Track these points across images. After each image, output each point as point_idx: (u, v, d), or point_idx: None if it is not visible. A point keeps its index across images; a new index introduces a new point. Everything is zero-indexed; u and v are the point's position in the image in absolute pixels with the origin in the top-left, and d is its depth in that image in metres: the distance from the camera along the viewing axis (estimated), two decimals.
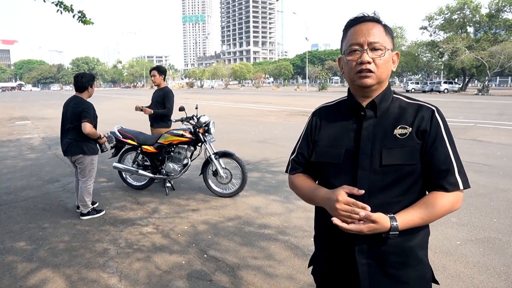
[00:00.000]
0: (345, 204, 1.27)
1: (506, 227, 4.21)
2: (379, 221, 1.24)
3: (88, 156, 4.55)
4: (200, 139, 5.34)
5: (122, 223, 4.46)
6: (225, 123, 13.96)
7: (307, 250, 3.68)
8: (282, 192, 5.55)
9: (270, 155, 8.27)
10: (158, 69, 6.07)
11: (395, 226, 1.25)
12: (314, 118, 1.53)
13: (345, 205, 1.27)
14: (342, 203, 1.28)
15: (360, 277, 1.34)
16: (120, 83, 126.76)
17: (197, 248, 3.75)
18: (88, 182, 4.61)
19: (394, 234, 1.26)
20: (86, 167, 4.56)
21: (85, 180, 4.59)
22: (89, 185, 4.62)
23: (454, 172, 1.31)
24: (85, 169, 4.57)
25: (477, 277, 3.17)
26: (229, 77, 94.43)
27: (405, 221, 1.27)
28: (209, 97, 39.05)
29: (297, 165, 1.56)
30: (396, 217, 1.27)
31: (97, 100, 34.57)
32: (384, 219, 1.25)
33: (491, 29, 44.65)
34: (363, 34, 1.32)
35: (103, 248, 3.76)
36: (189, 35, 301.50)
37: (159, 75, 6.01)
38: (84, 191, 4.56)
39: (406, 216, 1.28)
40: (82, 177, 4.59)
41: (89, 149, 4.54)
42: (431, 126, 1.33)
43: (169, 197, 5.43)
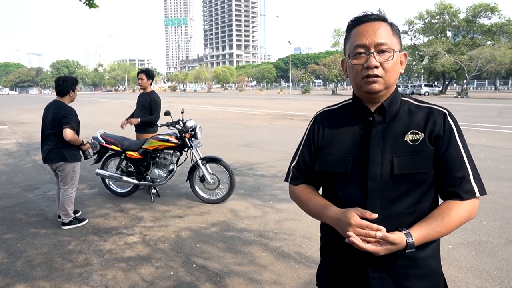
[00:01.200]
0: (359, 227, 1.17)
1: (495, 229, 4.21)
2: (396, 242, 1.15)
3: (70, 163, 4.35)
4: (187, 144, 5.20)
5: (106, 232, 4.28)
6: (209, 127, 13.79)
7: (291, 253, 3.65)
8: (267, 197, 5.47)
9: (255, 159, 8.17)
10: (147, 72, 5.89)
11: (411, 243, 1.16)
12: (316, 123, 1.42)
13: (359, 228, 1.17)
14: (355, 227, 1.18)
15: None
16: (101, 87, 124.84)
17: (184, 257, 3.62)
18: (70, 190, 4.41)
19: (411, 251, 1.17)
20: (67, 175, 4.36)
21: (67, 188, 4.39)
22: (71, 193, 4.42)
23: (469, 179, 1.23)
24: (67, 177, 4.37)
25: (472, 282, 3.13)
26: (212, 81, 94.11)
27: (421, 236, 1.18)
28: (192, 100, 38.75)
29: (299, 174, 1.45)
30: (411, 232, 1.18)
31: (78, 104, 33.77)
32: (401, 238, 1.16)
33: (469, 33, 45.82)
34: (369, 35, 1.21)
35: (86, 259, 3.58)
36: (171, 38, 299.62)
37: (147, 79, 5.83)
38: (66, 200, 4.36)
39: (422, 230, 1.19)
40: (64, 185, 4.39)
41: (70, 156, 4.34)
42: (444, 131, 1.24)
43: (154, 204, 5.27)
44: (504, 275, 3.23)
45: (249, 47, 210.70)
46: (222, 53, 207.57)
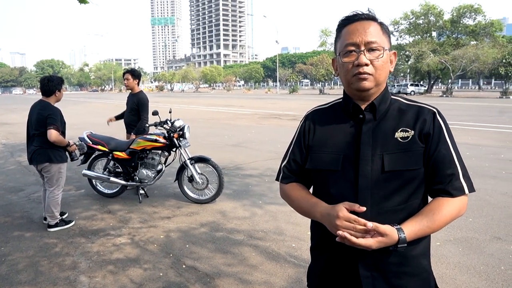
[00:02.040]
0: (346, 220, 1.18)
1: (481, 226, 4.28)
2: (387, 233, 1.15)
3: (55, 165, 4.27)
4: (175, 144, 5.16)
5: (93, 234, 4.21)
6: (197, 127, 13.73)
7: (282, 254, 3.65)
8: (256, 197, 5.46)
9: (244, 159, 8.16)
10: (132, 72, 5.78)
11: (403, 238, 1.17)
12: (307, 122, 1.42)
13: (346, 221, 1.18)
14: (342, 219, 1.18)
15: None
16: (87, 87, 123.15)
17: (173, 258, 3.59)
18: (56, 192, 4.33)
19: (402, 246, 1.17)
20: (53, 176, 4.28)
21: (53, 189, 4.31)
22: (57, 195, 4.34)
23: (459, 177, 1.25)
24: (52, 178, 4.29)
25: (459, 278, 3.18)
26: (199, 81, 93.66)
27: (413, 232, 1.19)
28: (180, 100, 38.52)
29: (290, 173, 1.45)
30: (403, 228, 1.18)
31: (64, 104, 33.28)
32: (392, 232, 1.16)
33: (453, 33, 46.56)
34: (359, 33, 1.23)
35: (73, 262, 3.52)
36: (158, 37, 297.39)
37: (133, 79, 5.72)
38: (52, 201, 4.28)
39: (413, 226, 1.20)
40: (49, 186, 4.31)
41: (56, 157, 4.26)
42: (434, 129, 1.26)
43: (142, 204, 5.21)
44: (490, 270, 3.29)
45: (236, 47, 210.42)
46: (209, 53, 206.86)
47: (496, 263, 3.42)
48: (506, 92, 36.82)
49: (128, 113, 5.77)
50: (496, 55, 39.22)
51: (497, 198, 5.23)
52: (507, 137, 10.72)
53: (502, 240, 3.90)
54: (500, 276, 3.19)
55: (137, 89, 5.84)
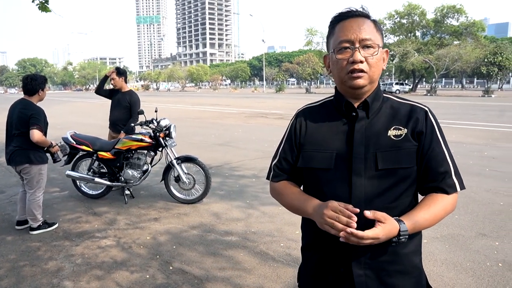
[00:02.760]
0: (332, 210, 1.15)
1: (467, 223, 4.33)
2: (387, 218, 1.14)
3: (36, 166, 4.14)
4: (161, 144, 5.09)
5: (78, 236, 4.12)
6: (184, 126, 13.62)
7: (277, 256, 3.57)
8: (246, 197, 5.42)
9: (232, 158, 8.11)
10: (116, 70, 5.67)
11: (404, 226, 1.16)
12: (298, 119, 1.40)
13: (332, 211, 1.15)
14: (330, 209, 1.16)
15: None
16: (71, 86, 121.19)
17: (160, 260, 3.52)
18: (37, 194, 4.21)
19: (405, 235, 1.16)
20: (33, 178, 4.15)
21: (33, 192, 4.18)
22: (38, 197, 4.22)
23: (451, 174, 1.26)
24: (32, 180, 4.16)
25: (446, 274, 3.20)
26: (185, 80, 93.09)
27: (412, 223, 1.18)
28: (166, 99, 38.22)
29: (280, 172, 1.43)
30: (401, 219, 1.18)
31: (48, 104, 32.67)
32: (391, 219, 1.16)
33: (437, 33, 47.30)
34: (354, 30, 1.22)
35: (57, 266, 3.43)
36: (143, 36, 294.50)
37: (119, 77, 5.61)
38: (33, 204, 4.16)
39: (412, 218, 1.20)
40: (30, 188, 4.18)
41: (36, 158, 4.13)
42: (427, 128, 1.26)
43: (128, 206, 5.13)
44: (476, 266, 3.33)
45: (222, 46, 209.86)
46: (195, 52, 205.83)
47: (482, 259, 3.46)
48: (488, 91, 37.54)
49: (118, 112, 5.63)
50: (478, 54, 40.04)
51: (482, 195, 5.31)
52: (489, 135, 10.93)
53: (487, 237, 3.95)
54: (486, 272, 3.23)
55: (126, 87, 5.74)
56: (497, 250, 3.65)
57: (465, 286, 3.02)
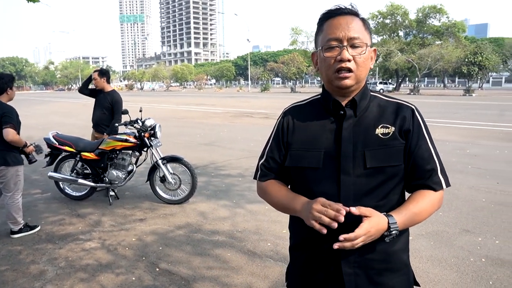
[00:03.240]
0: (322, 205, 1.15)
1: (451, 219, 4.40)
2: (373, 213, 1.14)
3: (12, 167, 3.98)
4: (146, 144, 5.02)
5: (61, 239, 4.03)
6: (169, 126, 13.50)
7: (264, 255, 3.57)
8: (232, 197, 5.40)
9: (217, 158, 8.07)
10: (98, 71, 5.61)
11: (393, 220, 1.16)
12: (285, 118, 1.39)
13: (321, 205, 1.15)
14: (319, 203, 1.16)
15: (346, 287, 1.25)
16: (53, 86, 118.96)
17: (147, 261, 3.48)
18: (16, 196, 4.06)
19: (395, 227, 1.16)
20: (10, 180, 4.00)
21: (11, 194, 4.02)
22: (17, 200, 4.07)
23: (437, 172, 1.27)
24: (10, 183, 4.00)
25: (432, 271, 3.25)
26: (170, 79, 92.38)
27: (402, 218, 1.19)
28: (150, 99, 37.84)
29: (268, 171, 1.41)
30: (389, 213, 1.19)
31: (29, 104, 32.04)
32: (378, 214, 1.16)
33: (419, 33, 48.05)
34: (342, 28, 1.21)
35: (40, 270, 3.34)
36: (127, 35, 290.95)
37: (100, 77, 5.54)
38: (13, 207, 4.03)
39: (401, 213, 1.21)
40: (8, 191, 4.02)
41: (12, 159, 3.97)
42: (414, 126, 1.27)
43: (113, 207, 5.05)
44: (460, 262, 3.38)
45: (207, 45, 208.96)
46: (180, 51, 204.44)
47: (465, 255, 3.52)
48: (469, 90, 38.33)
49: (100, 113, 5.56)
50: (459, 54, 40.82)
51: (465, 192, 5.41)
52: (471, 133, 11.15)
53: (470, 233, 4.02)
54: (469, 267, 3.29)
55: (109, 87, 5.66)
56: (480, 245, 3.71)
57: (450, 282, 3.07)
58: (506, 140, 9.89)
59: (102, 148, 5.01)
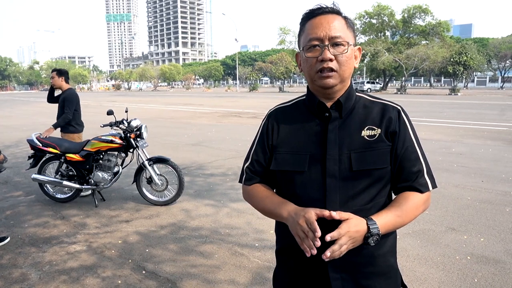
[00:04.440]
0: (306, 222, 1.13)
1: (437, 218, 4.44)
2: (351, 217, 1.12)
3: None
4: (132, 145, 4.96)
5: (45, 242, 3.95)
6: (156, 126, 13.39)
7: (249, 254, 3.58)
8: (217, 196, 5.38)
9: (204, 158, 8.03)
10: (56, 70, 5.58)
11: (372, 220, 1.14)
12: (269, 120, 1.36)
13: (306, 224, 1.13)
14: (304, 220, 1.13)
15: None
16: (38, 86, 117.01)
17: (133, 264, 3.43)
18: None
19: (375, 229, 1.13)
20: None
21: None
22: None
23: (423, 174, 1.26)
24: None
25: (418, 269, 3.27)
26: (158, 79, 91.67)
27: (384, 222, 1.16)
28: (138, 99, 37.50)
29: (253, 175, 1.38)
30: (373, 218, 1.16)
31: (12, 104, 31.44)
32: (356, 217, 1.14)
33: (406, 33, 48.57)
34: (323, 27, 1.18)
35: (22, 274, 3.27)
36: (114, 35, 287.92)
37: (58, 76, 5.51)
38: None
39: (384, 217, 1.18)
40: None
41: None
42: (400, 127, 1.25)
43: (98, 208, 4.97)
44: (446, 260, 3.41)
45: (195, 45, 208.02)
46: (167, 51, 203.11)
47: (451, 253, 3.55)
48: (455, 90, 38.90)
49: (60, 112, 5.52)
50: (445, 54, 41.34)
51: (451, 190, 5.47)
52: (456, 132, 11.30)
53: (456, 231, 4.06)
54: (455, 265, 3.32)
55: (66, 86, 5.62)
56: (466, 243, 3.76)
57: (436, 280, 3.09)
58: (491, 138, 10.05)
59: (87, 150, 4.93)
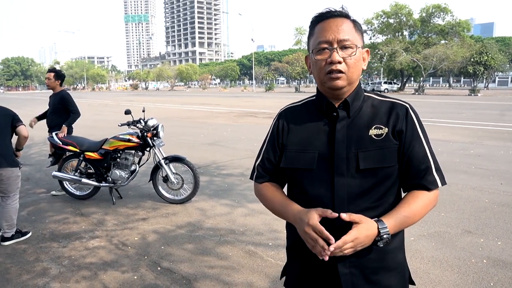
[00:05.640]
0: (313, 231, 1.18)
1: (453, 220, 4.39)
2: (362, 220, 1.17)
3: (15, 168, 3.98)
4: (149, 144, 5.06)
5: (65, 237, 4.07)
6: (172, 125, 13.55)
7: (265, 255, 3.59)
8: (233, 196, 5.42)
9: (220, 157, 8.10)
10: (55, 72, 5.65)
11: (384, 226, 1.18)
12: (280, 120, 1.41)
13: (313, 232, 1.18)
14: (311, 228, 1.18)
15: (343, 287, 1.26)
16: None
17: (149, 260, 3.51)
18: (16, 197, 4.01)
19: (386, 232, 1.17)
20: (14, 181, 3.97)
21: (13, 195, 3.97)
22: (16, 201, 4.04)
23: (432, 171, 1.27)
24: (12, 184, 3.95)
25: (433, 272, 3.24)
26: (175, 79, 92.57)
27: (393, 223, 1.20)
28: (155, 99, 37.95)
29: (264, 172, 1.43)
30: (383, 220, 1.20)
31: (34, 103, 32.29)
32: (368, 220, 1.18)
33: (424, 33, 47.74)
34: (332, 31, 1.22)
35: (43, 268, 3.39)
36: (132, 35, 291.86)
37: (55, 79, 5.59)
38: (12, 209, 3.94)
39: (392, 217, 1.21)
40: (9, 193, 3.95)
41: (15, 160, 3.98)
42: (407, 125, 1.27)
43: (116, 206, 5.09)
44: (462, 263, 3.37)
45: (212, 45, 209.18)
46: (184, 51, 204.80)
47: (467, 256, 3.51)
48: (475, 90, 38.04)
49: (51, 114, 5.56)
50: (464, 54, 40.49)
51: (468, 193, 5.39)
52: (475, 133, 11.09)
53: (472, 234, 4.01)
54: (471, 268, 3.28)
55: (59, 88, 5.69)
56: (482, 246, 3.70)
57: (450, 283, 3.06)
58: (511, 140, 9.83)
59: (105, 148, 5.05)
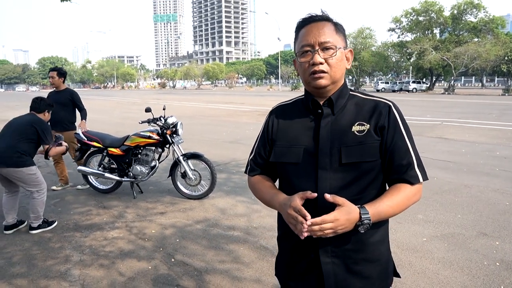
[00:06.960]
0: (294, 210, 1.26)
1: (469, 222, 4.32)
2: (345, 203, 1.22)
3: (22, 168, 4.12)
4: (168, 141, 5.23)
5: (87, 228, 4.30)
6: (196, 123, 13.80)
7: (276, 252, 3.64)
8: (250, 193, 5.43)
9: (240, 155, 8.22)
10: (58, 70, 5.91)
11: (365, 209, 1.23)
12: (271, 117, 1.51)
13: (294, 212, 1.26)
14: (292, 209, 1.26)
15: (324, 276, 1.34)
16: (89, 84, 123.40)
17: (164, 252, 3.66)
18: (39, 192, 4.21)
19: (367, 218, 1.23)
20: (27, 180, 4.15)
21: (35, 191, 4.18)
22: (42, 195, 4.24)
23: (414, 166, 1.32)
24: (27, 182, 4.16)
25: (442, 273, 3.23)
26: (201, 77, 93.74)
27: (375, 210, 1.25)
28: (181, 97, 38.60)
29: (256, 166, 1.53)
30: (365, 207, 1.26)
31: None
32: (350, 204, 1.23)
33: (455, 30, 46.26)
34: (314, 34, 1.31)
35: (66, 256, 3.61)
36: (160, 34, 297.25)
37: (59, 77, 5.85)
38: (37, 201, 4.17)
39: (374, 205, 1.27)
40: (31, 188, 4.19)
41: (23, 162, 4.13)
42: (389, 122, 1.33)
43: (136, 200, 5.30)
44: (473, 265, 3.34)
45: (238, 44, 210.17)
46: (211, 50, 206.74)
47: (479, 258, 3.47)
48: (509, 90, 36.55)
49: (59, 110, 5.69)
50: (498, 52, 38.96)
51: (488, 195, 5.28)
52: (503, 135, 10.74)
53: (488, 236, 3.95)
54: (482, 271, 3.25)
55: (63, 86, 5.97)
56: (497, 249, 3.65)
57: (459, 284, 3.05)
58: None
59: (127, 144, 5.27)
